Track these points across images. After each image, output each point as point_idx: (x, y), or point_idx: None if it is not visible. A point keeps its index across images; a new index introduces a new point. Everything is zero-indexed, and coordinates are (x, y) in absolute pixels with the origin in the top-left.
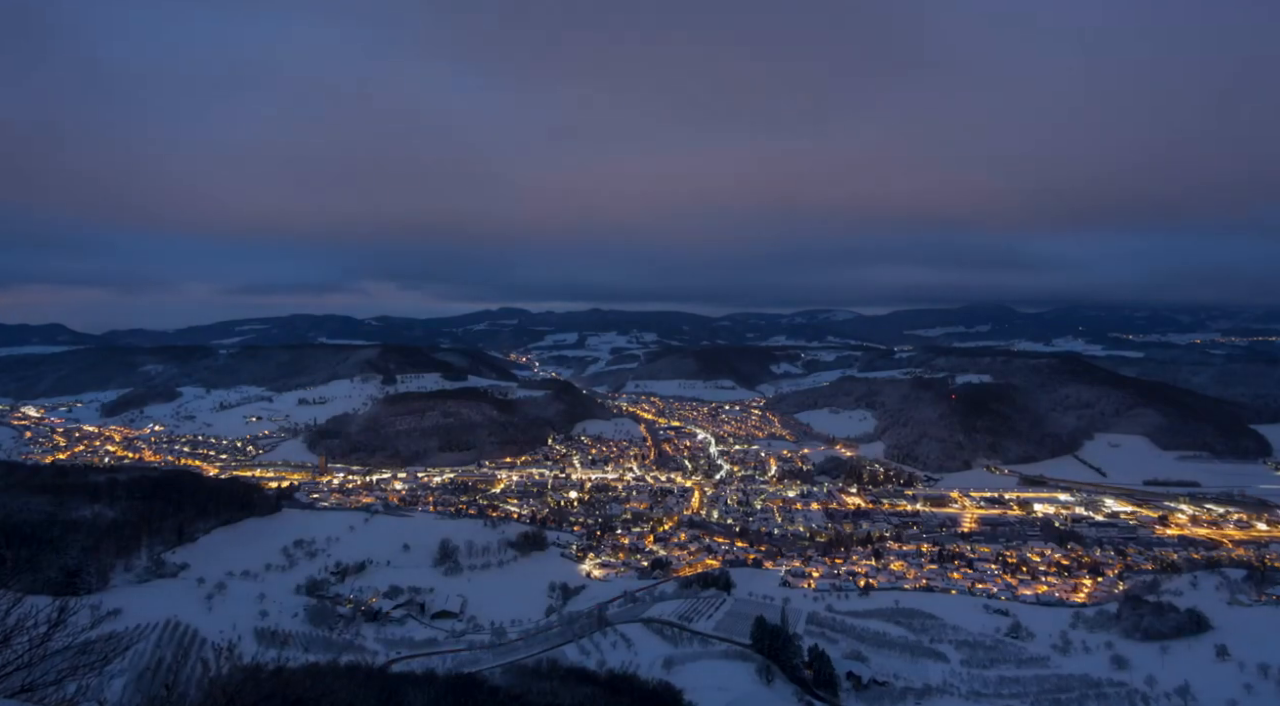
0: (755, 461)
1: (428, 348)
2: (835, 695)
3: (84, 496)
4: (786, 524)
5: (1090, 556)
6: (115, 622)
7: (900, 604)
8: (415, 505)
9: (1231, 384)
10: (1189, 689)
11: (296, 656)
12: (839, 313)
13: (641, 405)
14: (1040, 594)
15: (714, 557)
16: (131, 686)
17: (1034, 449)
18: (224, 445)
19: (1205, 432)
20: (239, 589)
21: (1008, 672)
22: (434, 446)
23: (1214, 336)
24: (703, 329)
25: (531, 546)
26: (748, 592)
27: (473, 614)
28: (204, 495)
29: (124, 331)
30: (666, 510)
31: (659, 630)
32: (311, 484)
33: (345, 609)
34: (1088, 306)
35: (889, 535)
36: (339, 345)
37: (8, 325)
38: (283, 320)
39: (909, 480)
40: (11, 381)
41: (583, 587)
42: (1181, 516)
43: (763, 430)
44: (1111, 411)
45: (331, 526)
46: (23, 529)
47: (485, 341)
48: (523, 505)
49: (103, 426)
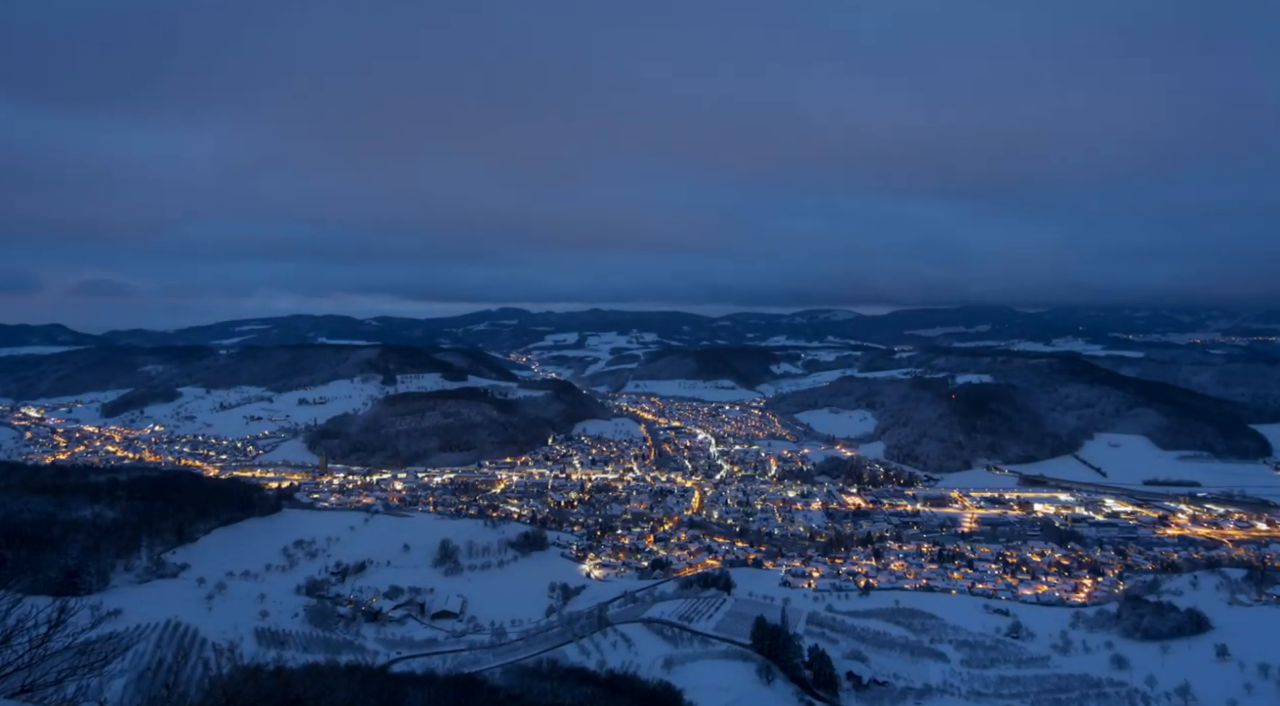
0: (755, 461)
1: (428, 348)
2: (835, 695)
3: (84, 496)
4: (786, 524)
5: (1090, 556)
6: (115, 623)
7: (900, 604)
8: (415, 505)
9: (1232, 384)
10: (1189, 689)
11: (296, 656)
12: (839, 312)
13: (641, 405)
14: (1040, 594)
15: (714, 558)
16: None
17: (1034, 449)
18: (224, 445)
19: (1205, 432)
20: (239, 589)
21: (1008, 672)
22: (434, 446)
23: (1214, 336)
24: (703, 329)
25: (532, 546)
26: (748, 593)
27: (473, 614)
28: (204, 495)
29: (124, 331)
30: (666, 510)
31: (659, 630)
32: (311, 484)
33: (345, 609)
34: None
35: (889, 535)
36: (339, 345)
37: (8, 325)
38: (283, 320)
39: (909, 480)
40: (12, 381)
41: (583, 588)
42: (1182, 516)
43: (763, 430)
44: (1111, 411)
45: (332, 526)
46: (23, 529)
47: (485, 341)
48: (523, 505)
49: (103, 427)
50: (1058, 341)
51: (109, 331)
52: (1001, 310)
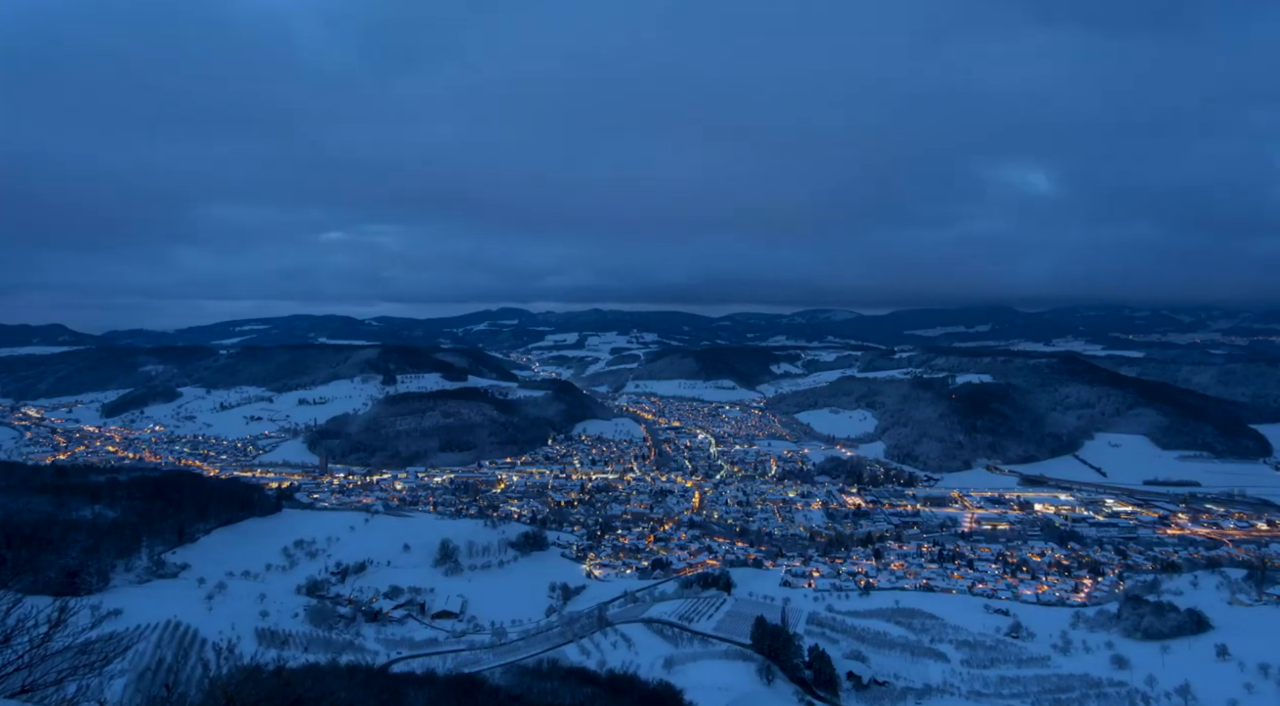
0: (755, 461)
1: (428, 348)
2: (836, 695)
3: (84, 497)
4: (787, 524)
5: (1090, 556)
6: (115, 623)
7: (900, 604)
8: (415, 505)
9: (1232, 384)
10: (1189, 688)
11: (297, 656)
12: (839, 312)
13: (642, 405)
14: (1040, 594)
15: (714, 558)
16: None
17: (1034, 448)
18: (224, 445)
19: (1205, 432)
20: (239, 589)
21: (1008, 672)
22: (434, 446)
23: (1214, 336)
24: (703, 329)
25: (532, 546)
26: (748, 592)
27: (473, 614)
28: (204, 495)
29: (124, 331)
30: (667, 510)
31: (659, 630)
32: (312, 484)
33: (345, 609)
34: (1088, 306)
35: (889, 535)
36: (339, 345)
37: (8, 325)
38: (283, 320)
39: (909, 480)
40: (12, 381)
41: (583, 588)
42: (1182, 516)
43: (763, 430)
44: (1112, 411)
45: (332, 526)
46: (23, 529)
47: (485, 341)
48: (523, 505)
49: (103, 427)
50: (1058, 341)
51: (109, 331)
52: (1001, 310)
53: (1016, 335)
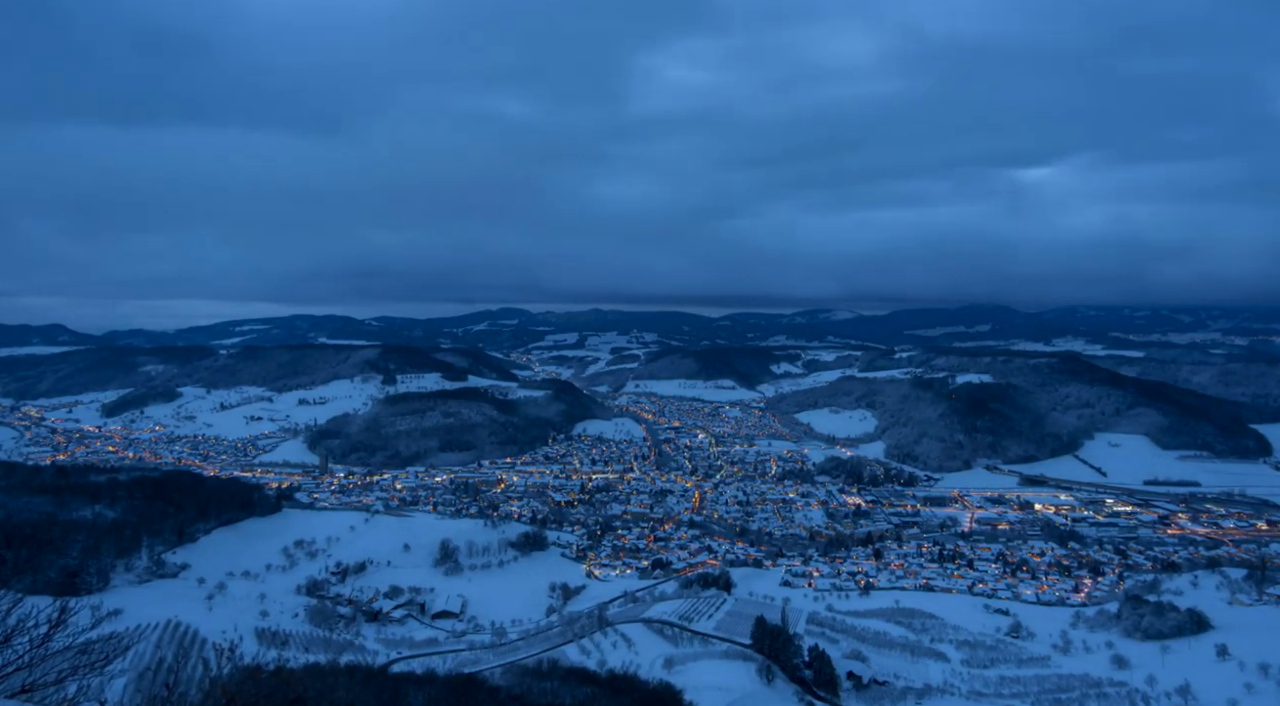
0: (755, 461)
1: (428, 348)
2: (836, 695)
3: (84, 497)
4: (787, 524)
5: (1090, 556)
6: (116, 623)
7: (901, 604)
8: (416, 505)
9: (1232, 384)
10: (1189, 688)
11: (297, 656)
12: (839, 312)
13: (642, 405)
14: (1040, 593)
15: (714, 558)
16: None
17: (1034, 448)
18: (224, 445)
19: (1205, 432)
20: (239, 589)
21: (1008, 672)
22: (434, 446)
23: (1214, 336)
24: (703, 329)
25: (532, 546)
26: (748, 592)
27: (473, 614)
28: (204, 495)
29: (124, 331)
30: (667, 510)
31: (659, 630)
32: (312, 484)
33: (346, 609)
34: (1088, 306)
35: (889, 535)
36: (339, 345)
37: (8, 325)
38: (283, 320)
39: (909, 480)
40: (12, 381)
41: (583, 587)
42: (1182, 516)
43: (763, 430)
44: (1112, 411)
45: (332, 526)
46: (23, 529)
47: (485, 341)
48: (523, 505)
49: (103, 427)
50: (1058, 341)
51: (109, 331)
52: (1001, 310)
53: (1016, 335)
